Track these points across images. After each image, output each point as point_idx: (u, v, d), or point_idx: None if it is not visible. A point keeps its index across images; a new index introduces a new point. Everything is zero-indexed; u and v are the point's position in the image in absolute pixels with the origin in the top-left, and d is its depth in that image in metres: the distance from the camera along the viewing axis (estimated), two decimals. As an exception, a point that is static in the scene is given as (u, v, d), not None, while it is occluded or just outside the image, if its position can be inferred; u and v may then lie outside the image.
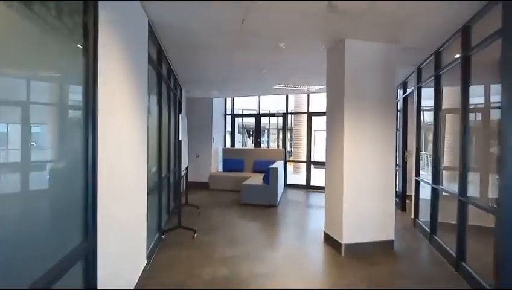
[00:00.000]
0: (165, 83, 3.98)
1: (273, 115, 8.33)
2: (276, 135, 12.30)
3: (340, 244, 3.25)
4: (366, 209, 3.30)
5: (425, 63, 4.00)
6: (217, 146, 8.01)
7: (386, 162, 3.36)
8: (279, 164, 6.18)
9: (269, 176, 5.57)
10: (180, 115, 4.84)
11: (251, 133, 15.36)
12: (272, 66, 4.53)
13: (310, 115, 7.70)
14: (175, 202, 4.95)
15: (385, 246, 3.35)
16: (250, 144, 14.78)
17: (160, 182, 3.71)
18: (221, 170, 7.95)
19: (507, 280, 1.98)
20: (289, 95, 8.28)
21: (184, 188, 5.55)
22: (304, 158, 8.05)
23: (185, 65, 4.58)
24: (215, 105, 7.81)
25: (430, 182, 3.68)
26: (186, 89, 6.53)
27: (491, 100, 3.02)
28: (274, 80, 5.60)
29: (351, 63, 3.23)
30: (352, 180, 3.26)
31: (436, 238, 3.45)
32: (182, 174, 4.76)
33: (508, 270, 1.98)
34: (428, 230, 3.66)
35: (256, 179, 6.21)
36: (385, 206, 3.36)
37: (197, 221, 4.40)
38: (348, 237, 3.24)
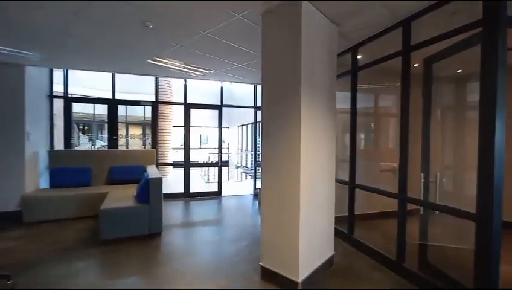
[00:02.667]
0: None
1: (137, 103, 6.07)
2: (142, 131, 9.59)
3: (296, 284, 2.38)
4: (317, 226, 2.64)
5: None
6: (37, 148, 4.83)
7: (329, 168, 2.85)
8: (153, 171, 4.44)
9: (147, 190, 3.78)
10: None
11: (83, 127, 11.43)
12: (160, 21, 2.88)
13: (188, 106, 6.30)
14: None
15: (329, 264, 2.84)
16: (90, 144, 10.86)
17: None
18: (48, 187, 4.90)
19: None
20: (152, 79, 6.43)
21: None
22: (174, 160, 6.52)
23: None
24: (31, 79, 4.63)
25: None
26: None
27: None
28: (156, 49, 3.82)
29: (308, 37, 2.40)
30: (308, 193, 2.47)
31: (356, 238, 3.38)
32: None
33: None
34: (346, 231, 3.57)
35: (122, 196, 4.14)
36: (329, 218, 2.85)
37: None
38: (304, 268, 2.43)
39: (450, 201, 2.33)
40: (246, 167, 11.68)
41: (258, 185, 6.06)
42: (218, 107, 6.59)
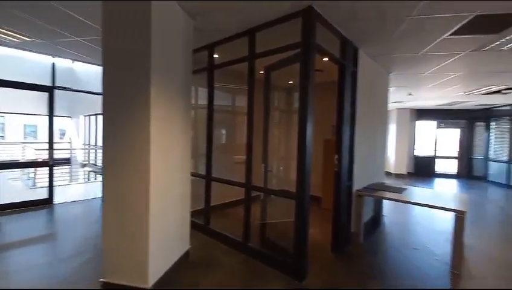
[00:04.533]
0: None
1: None
2: None
3: None
4: (170, 223, 2.55)
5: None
6: None
7: (184, 163, 2.82)
8: None
9: None
10: None
11: None
12: None
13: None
14: None
15: (185, 259, 2.84)
16: None
17: None
18: None
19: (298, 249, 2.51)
20: None
21: None
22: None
23: None
24: None
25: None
26: None
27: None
28: None
29: (158, 25, 2.21)
30: (160, 190, 2.32)
31: (212, 228, 3.59)
32: None
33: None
34: (203, 223, 3.70)
35: None
36: (184, 213, 2.83)
37: None
38: (156, 271, 2.28)
39: (284, 185, 2.89)
40: (96, 165, 9.80)
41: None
42: (49, 90, 5.06)
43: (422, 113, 10.40)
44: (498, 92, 6.28)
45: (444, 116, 10.20)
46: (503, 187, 8.24)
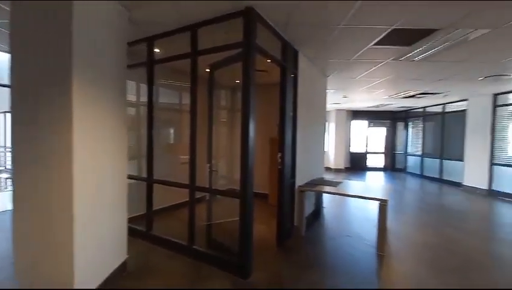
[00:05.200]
0: None
1: None
2: None
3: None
4: (101, 235, 2.29)
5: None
6: None
7: (120, 167, 2.57)
8: None
9: None
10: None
11: None
12: None
13: None
14: None
15: (121, 271, 2.59)
16: None
17: None
18: None
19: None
20: None
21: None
22: None
23: None
24: None
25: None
26: None
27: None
28: None
29: (82, 14, 1.96)
30: (88, 199, 2.06)
31: (155, 233, 3.37)
32: None
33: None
34: (144, 229, 3.45)
35: None
36: (119, 222, 2.58)
37: None
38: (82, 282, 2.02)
39: (232, 185, 2.86)
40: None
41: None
42: None
43: (356, 114, 11.59)
44: (413, 96, 7.38)
45: (373, 116, 11.55)
46: (419, 177, 9.75)
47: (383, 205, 3.20)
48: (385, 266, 2.97)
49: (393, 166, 11.57)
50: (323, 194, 4.80)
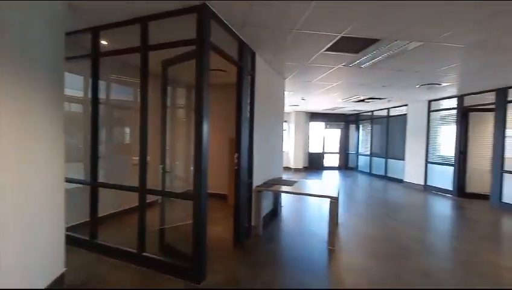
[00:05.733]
0: None
1: None
2: None
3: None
4: (34, 242, 2.01)
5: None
6: None
7: (54, 171, 2.29)
8: None
9: None
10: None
11: None
12: None
13: None
14: None
15: (58, 287, 2.32)
16: None
17: None
18: None
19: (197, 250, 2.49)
20: None
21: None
22: None
23: None
24: None
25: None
26: None
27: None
28: None
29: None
30: (8, 207, 1.79)
31: (100, 242, 3.10)
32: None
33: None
34: (88, 237, 3.15)
35: None
36: (53, 232, 2.31)
37: None
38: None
39: (188, 186, 2.74)
40: None
41: None
42: None
43: (314, 116, 12.16)
44: (363, 100, 8.00)
45: (329, 118, 12.23)
46: (368, 175, 10.59)
47: (333, 202, 3.39)
48: (334, 259, 3.15)
49: (346, 165, 12.40)
50: (282, 193, 4.92)
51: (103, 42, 3.31)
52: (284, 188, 3.89)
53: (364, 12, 2.49)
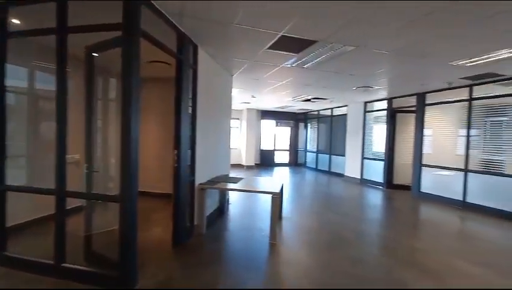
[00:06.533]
0: None
1: None
2: None
3: None
4: None
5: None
6: None
7: None
8: None
9: None
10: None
11: None
12: None
13: None
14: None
15: None
16: None
17: None
18: None
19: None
20: None
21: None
22: None
23: None
24: None
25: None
26: None
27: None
28: None
29: None
30: None
31: (10, 254, 2.64)
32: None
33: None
34: (-8, 251, 2.66)
35: None
36: None
37: None
38: None
39: (116, 187, 2.48)
40: None
41: None
42: None
43: (266, 114, 12.40)
44: (309, 100, 8.43)
45: (280, 117, 12.62)
46: (314, 170, 11.25)
47: (275, 197, 3.47)
48: (274, 253, 3.23)
49: (296, 161, 12.98)
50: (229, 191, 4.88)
51: (14, 21, 2.83)
52: (230, 185, 3.85)
53: (296, 13, 2.57)
